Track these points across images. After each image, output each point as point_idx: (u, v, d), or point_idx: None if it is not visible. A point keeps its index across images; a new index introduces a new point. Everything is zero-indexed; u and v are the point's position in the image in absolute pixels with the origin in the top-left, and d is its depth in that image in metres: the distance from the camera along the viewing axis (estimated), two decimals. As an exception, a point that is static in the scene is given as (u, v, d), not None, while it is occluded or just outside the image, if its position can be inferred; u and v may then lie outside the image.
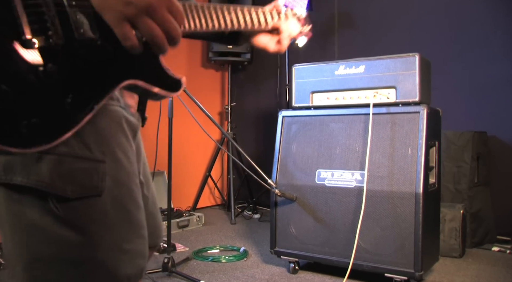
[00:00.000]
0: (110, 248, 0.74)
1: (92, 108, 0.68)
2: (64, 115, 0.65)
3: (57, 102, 0.64)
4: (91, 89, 0.68)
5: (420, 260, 2.00)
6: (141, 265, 0.81)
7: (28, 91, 0.62)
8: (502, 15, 3.21)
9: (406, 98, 2.15)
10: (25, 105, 0.61)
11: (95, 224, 0.73)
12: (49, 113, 0.63)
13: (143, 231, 0.82)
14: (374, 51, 2.56)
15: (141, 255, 0.81)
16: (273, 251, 2.42)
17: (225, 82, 4.68)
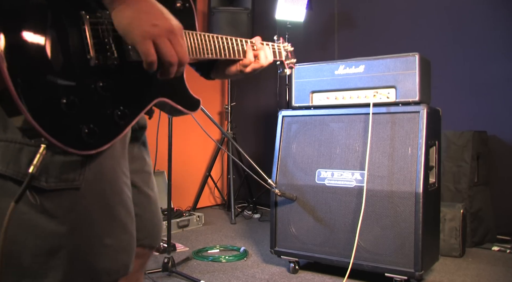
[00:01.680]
0: (89, 240, 0.76)
1: (133, 119, 0.79)
2: (113, 124, 0.76)
3: (110, 113, 0.75)
4: (134, 104, 0.80)
5: (420, 260, 2.00)
6: (124, 261, 0.82)
7: (89, 102, 0.72)
8: (502, 15, 3.21)
9: (406, 98, 2.15)
10: (86, 114, 0.71)
11: (72, 216, 0.75)
12: (103, 121, 0.74)
13: (128, 227, 0.84)
14: (374, 51, 2.56)
15: (125, 251, 0.83)
16: (273, 251, 2.42)
17: (225, 82, 4.68)
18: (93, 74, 0.73)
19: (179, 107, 0.90)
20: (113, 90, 0.76)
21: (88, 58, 0.72)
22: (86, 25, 0.72)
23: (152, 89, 0.84)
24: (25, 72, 0.64)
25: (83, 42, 0.72)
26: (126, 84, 0.79)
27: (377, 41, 3.73)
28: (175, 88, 0.89)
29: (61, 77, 0.69)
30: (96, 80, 0.73)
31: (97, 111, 0.73)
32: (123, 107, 0.77)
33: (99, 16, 0.74)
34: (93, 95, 0.73)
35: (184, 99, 0.92)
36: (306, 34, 4.13)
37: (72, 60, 0.70)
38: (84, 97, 0.71)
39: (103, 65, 0.75)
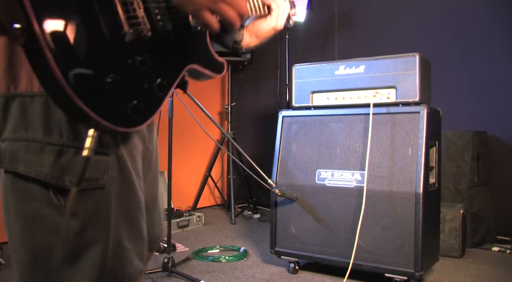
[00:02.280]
0: (112, 243, 0.75)
1: (169, 89, 0.79)
2: (153, 96, 0.76)
3: (149, 86, 0.75)
4: (169, 73, 0.80)
5: (420, 260, 2.00)
6: (139, 265, 0.81)
7: (131, 78, 0.72)
8: (502, 15, 3.21)
9: (406, 98, 2.15)
10: (129, 90, 0.71)
11: (98, 216, 0.73)
12: (144, 96, 0.74)
13: (144, 231, 0.83)
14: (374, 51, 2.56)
15: (140, 255, 0.82)
16: (273, 251, 2.42)
17: (225, 82, 4.68)
18: (129, 49, 0.73)
19: (207, 71, 0.90)
20: (149, 63, 0.75)
21: (123, 34, 0.72)
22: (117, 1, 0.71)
23: (182, 57, 0.84)
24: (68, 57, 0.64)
25: (116, 18, 0.71)
26: (159, 55, 0.78)
27: (377, 41, 3.73)
28: (202, 53, 0.90)
29: (102, 57, 0.69)
30: (133, 55, 0.73)
31: (138, 86, 0.74)
32: (161, 78, 0.77)
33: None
34: (132, 70, 0.73)
35: (210, 63, 0.92)
36: (307, 34, 4.13)
37: (108, 38, 0.70)
38: (125, 74, 0.71)
39: (138, 39, 0.74)
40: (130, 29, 0.73)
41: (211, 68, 0.91)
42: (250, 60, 4.29)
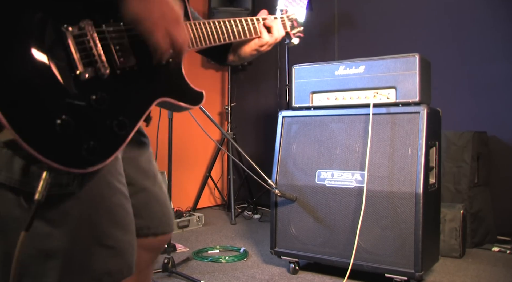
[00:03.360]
0: (86, 243, 0.76)
1: (133, 127, 0.77)
2: (114, 136, 0.73)
3: (108, 125, 0.73)
4: (134, 109, 0.77)
5: (420, 260, 2.00)
6: (127, 261, 0.82)
7: (85, 119, 0.69)
8: (502, 15, 3.21)
9: (406, 98, 2.15)
10: (83, 132, 0.69)
11: (69, 219, 0.75)
12: (102, 136, 0.72)
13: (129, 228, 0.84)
14: (374, 51, 2.56)
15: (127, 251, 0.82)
16: (273, 251, 2.42)
17: (225, 82, 4.68)
18: (85, 88, 0.70)
19: (181, 104, 0.87)
20: (108, 101, 0.73)
21: (78, 74, 0.70)
22: (70, 39, 0.69)
23: (151, 91, 0.82)
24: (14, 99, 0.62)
25: (69, 58, 0.69)
26: (121, 92, 0.76)
27: (377, 42, 3.73)
28: (175, 84, 0.87)
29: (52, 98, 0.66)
30: (89, 94, 0.70)
31: (94, 127, 0.71)
32: (122, 116, 0.74)
33: (82, 27, 0.71)
34: (87, 110, 0.70)
35: (186, 94, 0.90)
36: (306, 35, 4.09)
37: (61, 78, 0.68)
38: (78, 114, 0.68)
39: (95, 78, 0.72)
40: (85, 68, 0.71)
41: (186, 99, 0.89)
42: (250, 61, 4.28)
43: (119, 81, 0.76)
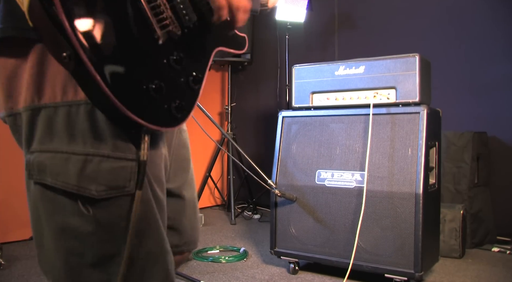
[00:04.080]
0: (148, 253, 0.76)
1: (203, 80, 0.83)
2: (191, 91, 0.79)
3: (186, 82, 0.78)
4: (202, 63, 0.84)
5: (420, 261, 2.00)
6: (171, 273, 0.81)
7: (170, 79, 0.75)
8: (502, 15, 3.21)
9: (406, 99, 2.15)
10: (171, 91, 0.74)
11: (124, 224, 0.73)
12: (184, 93, 0.77)
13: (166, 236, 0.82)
14: (374, 51, 2.56)
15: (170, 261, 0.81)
16: (273, 251, 2.42)
17: (225, 82, 4.68)
18: (163, 51, 0.75)
19: (231, 50, 0.94)
20: (183, 59, 0.78)
21: (156, 37, 0.74)
22: (145, 4, 0.73)
23: (209, 43, 0.87)
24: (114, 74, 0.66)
25: (147, 23, 0.73)
26: (190, 50, 0.81)
27: (377, 42, 3.73)
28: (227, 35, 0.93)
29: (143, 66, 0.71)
30: (167, 55, 0.75)
31: (177, 86, 0.76)
32: (195, 72, 0.80)
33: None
34: (170, 71, 0.75)
35: (233, 41, 0.96)
36: (306, 35, 4.13)
37: (144, 45, 0.72)
38: (165, 76, 0.74)
39: (170, 39, 0.77)
40: (162, 32, 0.75)
41: (234, 46, 0.96)
42: (250, 61, 4.29)
43: (187, 38, 0.80)
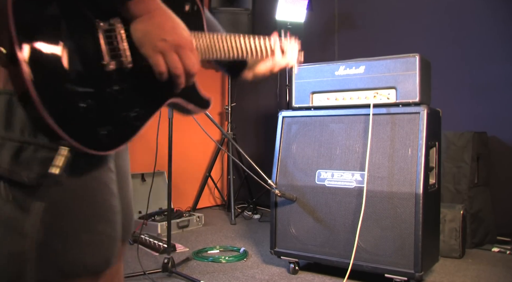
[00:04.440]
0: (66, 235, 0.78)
1: (146, 119, 0.83)
2: (129, 125, 0.80)
3: (125, 115, 0.79)
4: (148, 104, 0.84)
5: (420, 261, 2.00)
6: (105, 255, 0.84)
7: (105, 104, 0.76)
8: (502, 15, 3.21)
9: (406, 99, 2.15)
10: (103, 116, 0.75)
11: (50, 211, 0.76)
12: (119, 123, 0.78)
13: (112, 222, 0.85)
14: (374, 51, 2.56)
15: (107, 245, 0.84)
16: (273, 251, 2.42)
17: (225, 82, 4.68)
18: (109, 79, 0.77)
19: (190, 106, 0.94)
20: (128, 92, 0.80)
21: (104, 64, 0.76)
22: (101, 33, 0.76)
23: (165, 91, 0.87)
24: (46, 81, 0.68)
25: (98, 49, 0.76)
26: (140, 87, 0.82)
27: (377, 42, 3.73)
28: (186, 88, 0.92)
29: (79, 83, 0.72)
30: (111, 84, 0.77)
31: (113, 114, 0.77)
32: (138, 108, 0.81)
33: (112, 24, 0.78)
34: (109, 98, 0.77)
35: (195, 99, 0.96)
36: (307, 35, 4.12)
37: (88, 67, 0.75)
38: (101, 101, 0.75)
39: (118, 70, 0.78)
40: (111, 60, 0.77)
41: (195, 103, 0.95)
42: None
43: (139, 76, 0.82)
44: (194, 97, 0.96)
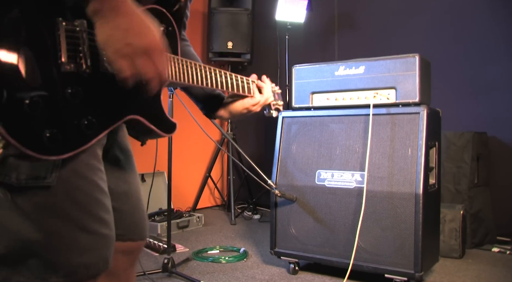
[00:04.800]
0: (61, 236, 0.77)
1: (101, 131, 0.78)
2: (79, 132, 0.75)
3: (75, 121, 0.74)
4: (105, 115, 0.79)
5: (420, 261, 2.00)
6: (103, 255, 0.83)
7: (55, 106, 0.71)
8: (502, 15, 3.22)
9: (406, 99, 2.15)
10: (49, 117, 0.70)
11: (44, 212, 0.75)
12: (67, 129, 0.73)
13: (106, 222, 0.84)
14: (374, 51, 2.56)
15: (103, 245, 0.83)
16: (273, 251, 2.42)
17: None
18: (63, 80, 0.72)
19: (152, 127, 0.88)
20: (82, 98, 0.74)
21: (59, 63, 0.72)
22: (61, 31, 0.72)
23: (126, 105, 0.83)
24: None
25: (56, 48, 0.71)
26: (97, 94, 0.77)
27: (377, 42, 3.73)
28: (150, 107, 0.88)
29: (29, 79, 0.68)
30: (65, 86, 0.72)
31: (62, 117, 0.72)
32: (92, 117, 0.76)
33: (76, 25, 0.74)
34: (60, 100, 0.72)
35: (159, 120, 0.90)
36: (306, 35, 4.13)
37: (43, 64, 0.70)
38: (50, 101, 0.70)
39: (75, 72, 0.74)
40: (68, 61, 0.72)
41: (158, 125, 0.89)
42: (250, 61, 4.29)
43: (98, 83, 0.77)
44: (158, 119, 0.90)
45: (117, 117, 0.82)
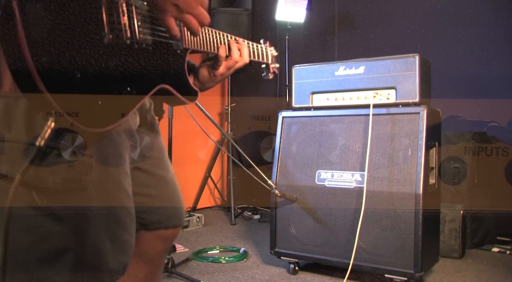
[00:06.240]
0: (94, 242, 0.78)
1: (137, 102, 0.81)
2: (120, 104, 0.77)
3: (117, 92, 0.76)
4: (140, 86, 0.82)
5: (420, 261, 2.00)
6: (123, 261, 0.83)
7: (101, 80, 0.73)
8: (502, 15, 3.21)
9: (406, 99, 2.15)
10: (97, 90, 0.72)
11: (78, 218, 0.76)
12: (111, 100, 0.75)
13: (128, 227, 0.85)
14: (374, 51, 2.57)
15: (124, 251, 0.84)
16: (273, 251, 2.42)
17: (225, 82, 4.67)
18: (106, 51, 0.75)
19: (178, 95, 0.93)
20: (123, 70, 0.78)
21: (102, 35, 0.74)
22: (103, 3, 0.74)
23: (156, 75, 0.86)
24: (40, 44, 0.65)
25: (98, 19, 0.73)
26: (134, 66, 0.81)
27: (377, 42, 3.72)
28: (177, 76, 0.92)
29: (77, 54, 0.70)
30: (108, 58, 0.75)
31: (107, 89, 0.75)
32: (130, 88, 0.79)
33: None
34: (104, 73, 0.74)
35: (184, 89, 0.94)
36: (306, 35, 4.12)
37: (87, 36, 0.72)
38: (96, 74, 0.73)
39: (116, 44, 0.76)
40: (110, 33, 0.75)
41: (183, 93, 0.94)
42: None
43: (135, 55, 0.80)
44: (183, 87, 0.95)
45: (150, 86, 0.85)
